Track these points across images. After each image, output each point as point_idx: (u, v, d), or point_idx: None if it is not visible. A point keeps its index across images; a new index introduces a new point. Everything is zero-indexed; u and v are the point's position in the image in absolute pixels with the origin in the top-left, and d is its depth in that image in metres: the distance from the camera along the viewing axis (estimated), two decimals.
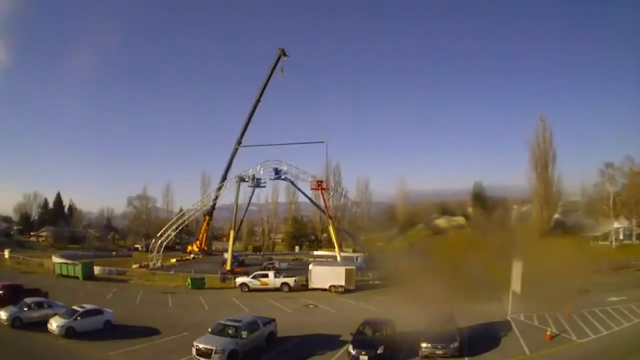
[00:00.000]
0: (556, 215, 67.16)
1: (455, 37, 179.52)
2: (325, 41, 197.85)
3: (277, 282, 34.03)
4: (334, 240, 54.41)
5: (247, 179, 51.75)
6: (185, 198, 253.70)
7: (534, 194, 65.05)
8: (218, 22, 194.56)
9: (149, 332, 19.78)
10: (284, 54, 48.06)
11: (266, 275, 34.95)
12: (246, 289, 33.60)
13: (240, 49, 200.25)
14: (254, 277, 34.59)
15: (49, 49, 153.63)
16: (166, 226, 56.14)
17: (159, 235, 52.93)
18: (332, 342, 18.12)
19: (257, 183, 49.46)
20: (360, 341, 16.06)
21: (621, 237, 56.37)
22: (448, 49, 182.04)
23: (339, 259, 49.66)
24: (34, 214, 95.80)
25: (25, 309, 20.35)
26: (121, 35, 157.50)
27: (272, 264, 50.37)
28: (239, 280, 34.81)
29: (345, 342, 17.71)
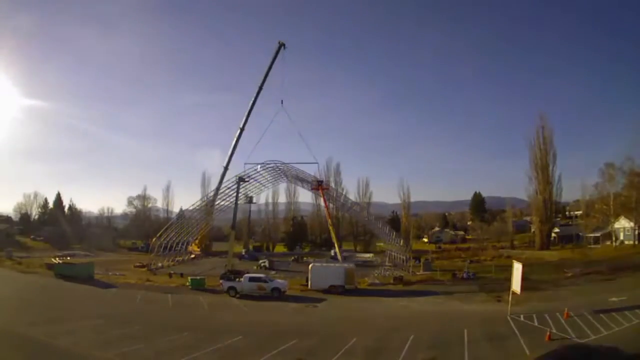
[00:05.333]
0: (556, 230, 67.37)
1: (456, 39, 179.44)
2: (328, 38, 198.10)
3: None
4: (333, 239, 54.50)
5: (247, 179, 51.90)
6: (186, 198, 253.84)
7: (534, 209, 65.33)
8: (218, 24, 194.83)
9: None
10: (283, 46, 49.43)
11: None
12: (234, 294, 31.19)
13: (239, 51, 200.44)
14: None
15: (45, 47, 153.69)
16: (166, 226, 56.17)
17: (159, 235, 52.90)
18: (331, 343, 18.06)
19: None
20: None
21: (622, 237, 56.34)
22: (448, 51, 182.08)
23: (339, 258, 49.67)
24: (34, 214, 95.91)
25: None
26: (121, 34, 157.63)
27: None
28: (227, 284, 32.16)
29: (345, 343, 17.67)
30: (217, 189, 55.33)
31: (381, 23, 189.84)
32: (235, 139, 52.39)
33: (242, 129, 52.01)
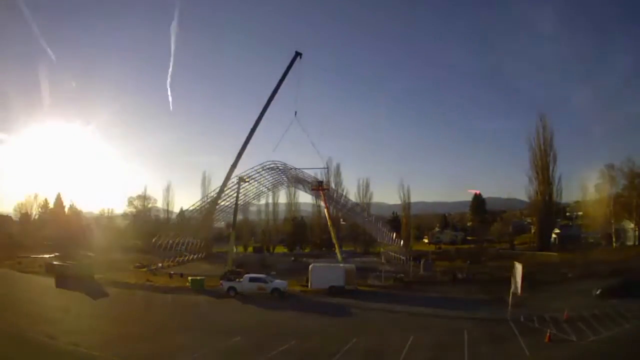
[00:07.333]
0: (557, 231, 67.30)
1: (455, 40, 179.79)
2: (329, 40, 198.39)
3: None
4: (334, 240, 54.44)
5: (247, 180, 51.85)
6: (186, 198, 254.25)
7: (534, 209, 65.17)
8: (224, 29, 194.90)
9: None
10: (300, 56, 49.54)
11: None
12: (233, 293, 31.24)
13: (240, 54, 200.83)
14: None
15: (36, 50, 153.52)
16: (166, 227, 56.20)
17: (159, 235, 52.91)
18: (331, 344, 18.06)
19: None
20: None
21: (622, 238, 56.26)
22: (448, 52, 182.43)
23: (339, 259, 49.59)
24: (35, 214, 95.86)
25: None
26: (123, 33, 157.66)
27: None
28: (227, 284, 32.16)
29: (345, 343, 17.67)
30: (222, 187, 55.11)
31: (380, 25, 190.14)
32: (245, 140, 52.39)
33: (253, 130, 52.01)
